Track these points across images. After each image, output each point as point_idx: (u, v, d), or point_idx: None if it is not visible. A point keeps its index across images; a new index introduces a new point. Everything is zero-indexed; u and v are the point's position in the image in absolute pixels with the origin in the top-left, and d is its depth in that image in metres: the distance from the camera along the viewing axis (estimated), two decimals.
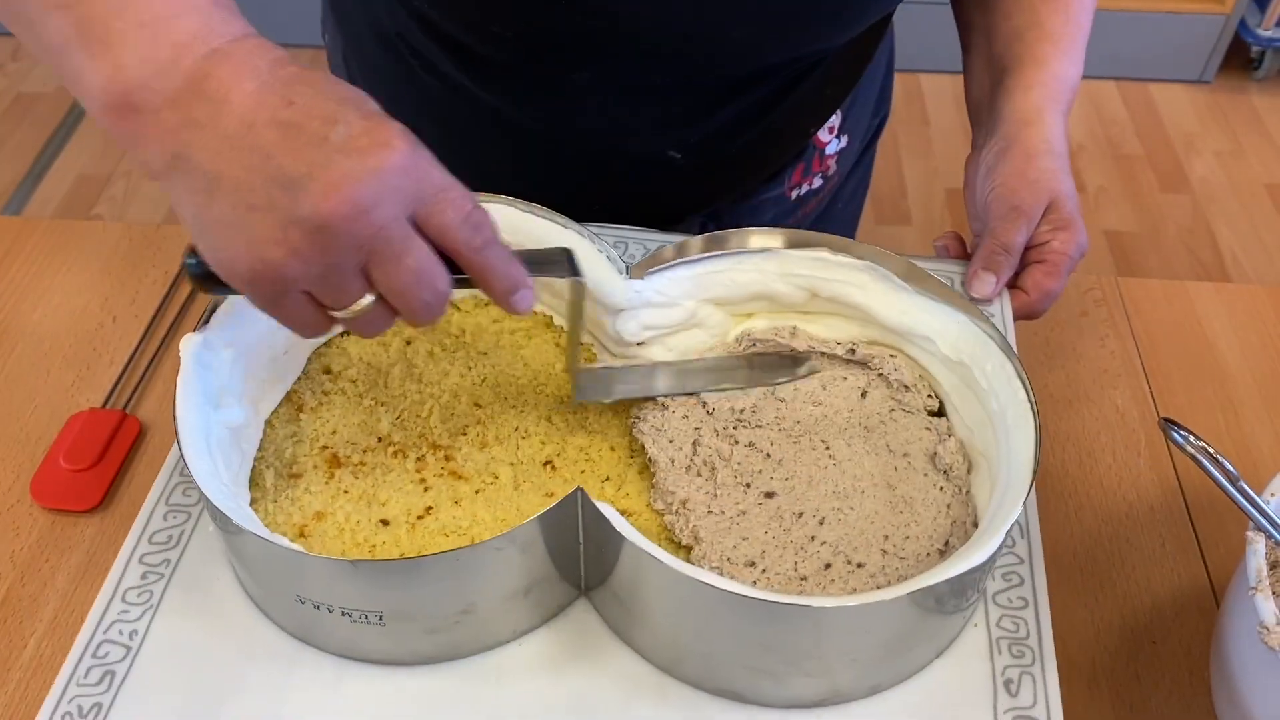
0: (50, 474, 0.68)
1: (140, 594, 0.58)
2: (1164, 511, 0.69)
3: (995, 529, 0.53)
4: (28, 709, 0.58)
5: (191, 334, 0.58)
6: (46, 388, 0.74)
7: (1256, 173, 2.27)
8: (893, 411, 0.65)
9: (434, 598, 0.54)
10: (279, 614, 0.58)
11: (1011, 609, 0.59)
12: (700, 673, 0.56)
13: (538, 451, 0.62)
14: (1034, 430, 0.57)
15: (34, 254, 0.84)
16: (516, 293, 0.52)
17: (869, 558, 0.58)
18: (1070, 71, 0.76)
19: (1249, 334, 0.81)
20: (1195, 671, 0.61)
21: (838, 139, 0.86)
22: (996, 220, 0.71)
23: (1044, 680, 0.56)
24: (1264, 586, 0.51)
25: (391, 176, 0.45)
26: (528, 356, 0.68)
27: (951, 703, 0.56)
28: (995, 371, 0.61)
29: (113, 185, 2.18)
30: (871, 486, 0.61)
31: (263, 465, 0.61)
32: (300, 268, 0.46)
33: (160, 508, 0.62)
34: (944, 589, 0.52)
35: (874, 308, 0.66)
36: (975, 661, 0.57)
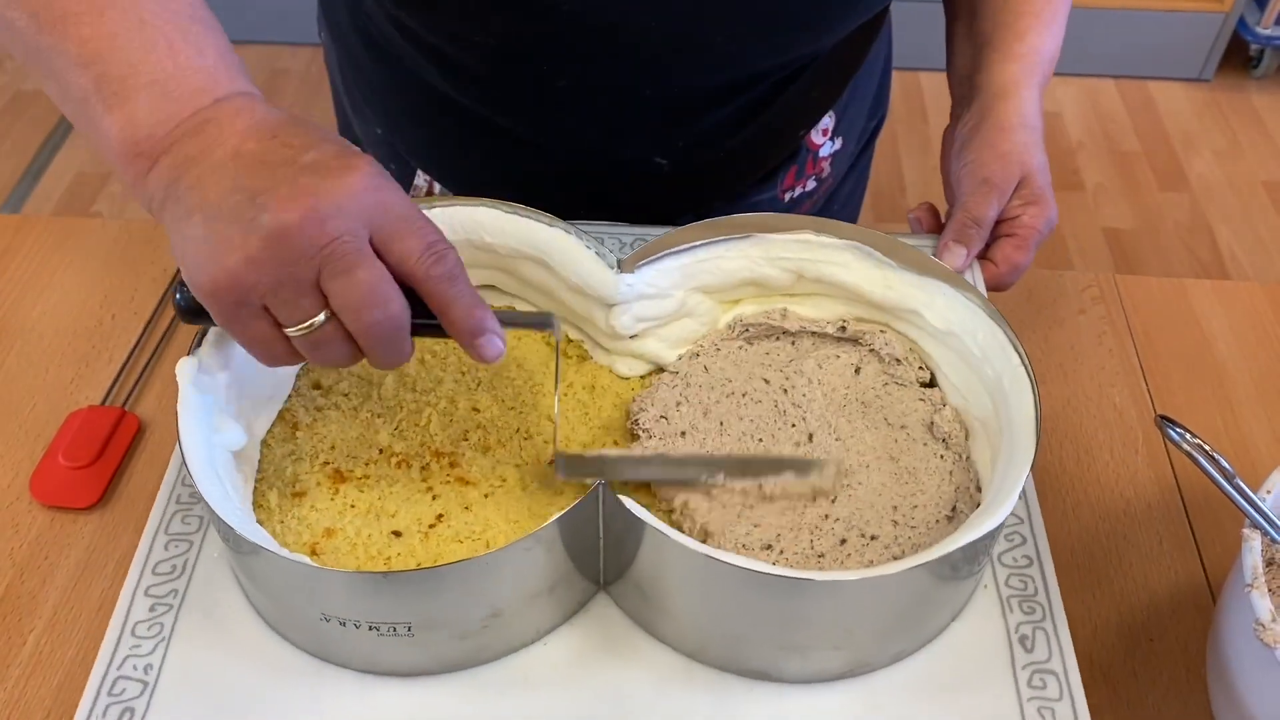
0: (49, 472, 0.68)
1: (150, 626, 0.57)
2: (1161, 509, 0.69)
3: (1008, 491, 0.54)
4: (27, 705, 0.59)
5: (186, 358, 0.58)
6: (46, 385, 0.74)
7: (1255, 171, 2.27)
8: (886, 385, 0.66)
9: (463, 603, 0.54)
10: (298, 634, 0.57)
11: (1017, 568, 0.61)
12: (727, 655, 0.57)
13: (542, 451, 0.62)
14: (1032, 392, 0.58)
15: (33, 251, 0.84)
16: (482, 335, 0.51)
17: (881, 530, 0.59)
18: (1048, 46, 0.77)
19: (1246, 332, 0.81)
20: (1192, 668, 0.62)
21: (831, 141, 0.86)
22: (968, 193, 0.73)
23: (1057, 635, 0.58)
24: (1260, 583, 0.51)
25: (352, 193, 0.47)
26: (520, 358, 0.68)
27: (971, 662, 0.58)
28: (986, 339, 0.62)
29: (111, 183, 2.18)
30: (875, 460, 0.62)
31: (265, 486, 0.60)
32: (255, 275, 0.47)
33: (160, 537, 0.61)
34: (959, 556, 0.53)
35: (860, 285, 0.67)
36: (989, 621, 0.59)
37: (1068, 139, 2.34)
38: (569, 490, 0.61)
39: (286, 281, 0.47)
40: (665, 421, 0.63)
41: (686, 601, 0.55)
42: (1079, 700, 0.56)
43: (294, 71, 2.46)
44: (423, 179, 0.84)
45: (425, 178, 0.84)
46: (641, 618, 0.58)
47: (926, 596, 0.56)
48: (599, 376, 0.67)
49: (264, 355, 0.51)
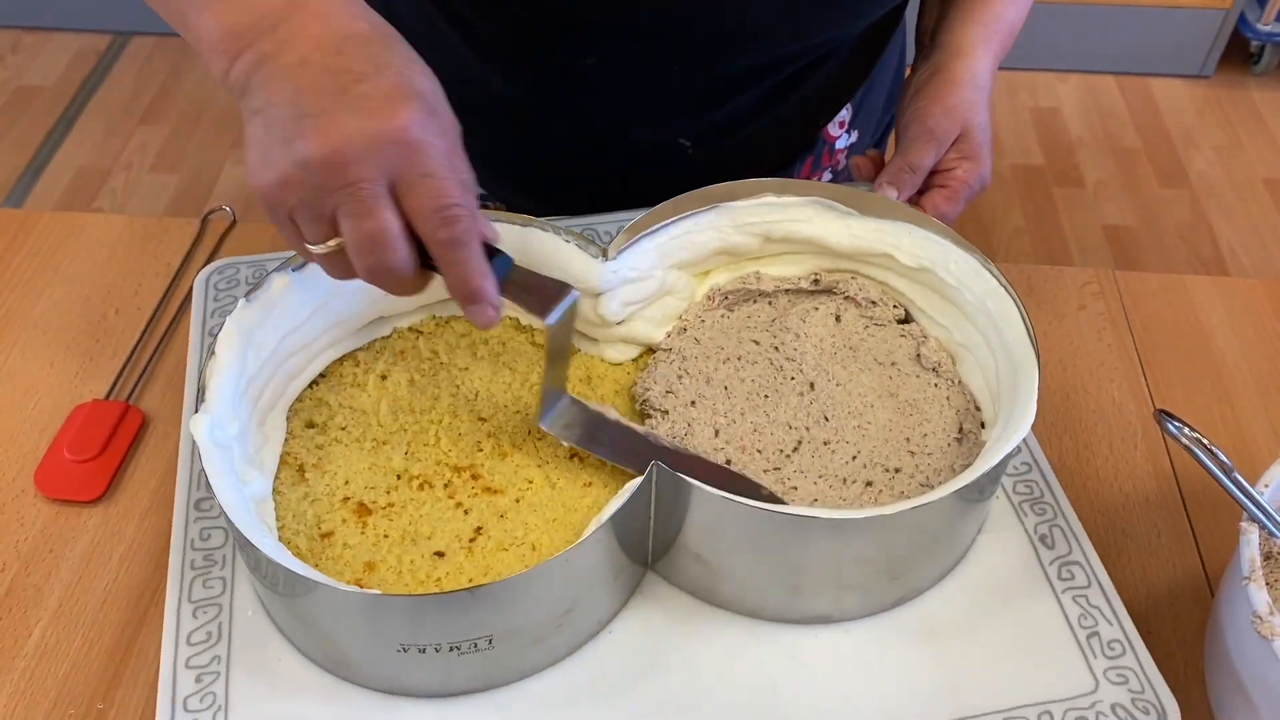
0: (54, 465, 0.69)
1: (203, 698, 0.56)
2: (1160, 502, 0.70)
3: (1023, 406, 0.57)
4: (33, 696, 0.59)
5: (198, 415, 0.56)
6: (50, 379, 0.75)
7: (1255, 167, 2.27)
8: (868, 328, 0.69)
9: (544, 605, 0.54)
10: (362, 672, 0.56)
11: (1019, 475, 0.66)
12: (786, 606, 0.59)
13: (559, 447, 0.63)
14: (1017, 308, 0.61)
15: (37, 246, 0.84)
16: (475, 303, 0.53)
17: (902, 462, 0.62)
18: (1011, 14, 0.78)
19: (1245, 327, 0.82)
20: (1190, 660, 0.62)
21: (848, 134, 0.87)
22: (909, 141, 0.74)
23: (1070, 529, 0.64)
24: (1257, 576, 0.52)
25: (381, 143, 0.48)
26: (510, 361, 0.68)
27: (1004, 569, 0.62)
28: (960, 268, 0.65)
29: (113, 178, 2.18)
30: (877, 399, 0.65)
31: (289, 533, 0.59)
32: (281, 193, 0.50)
33: (185, 606, 0.59)
34: (987, 477, 0.56)
35: (826, 237, 0.69)
36: (1009, 529, 0.64)
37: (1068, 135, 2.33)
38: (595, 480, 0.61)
39: (306, 206, 0.50)
40: (673, 395, 0.65)
41: (744, 559, 0.57)
42: (1106, 584, 0.61)
43: None
44: None
45: None
46: (697, 586, 0.60)
47: (961, 518, 0.59)
48: (592, 367, 0.68)
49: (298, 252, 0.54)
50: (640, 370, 0.68)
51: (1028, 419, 0.57)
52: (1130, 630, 0.59)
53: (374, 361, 0.67)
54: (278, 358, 0.63)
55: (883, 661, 0.59)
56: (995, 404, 0.63)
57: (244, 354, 0.60)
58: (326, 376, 0.67)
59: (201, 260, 0.83)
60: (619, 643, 0.59)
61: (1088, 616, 0.60)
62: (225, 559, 0.61)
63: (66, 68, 2.44)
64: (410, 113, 0.49)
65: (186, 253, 0.83)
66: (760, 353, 0.68)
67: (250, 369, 0.61)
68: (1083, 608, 0.60)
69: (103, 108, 2.35)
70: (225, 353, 0.59)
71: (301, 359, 0.65)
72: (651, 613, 0.60)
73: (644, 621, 0.60)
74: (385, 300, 0.67)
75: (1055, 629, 0.60)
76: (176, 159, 2.22)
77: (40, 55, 2.48)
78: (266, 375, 0.62)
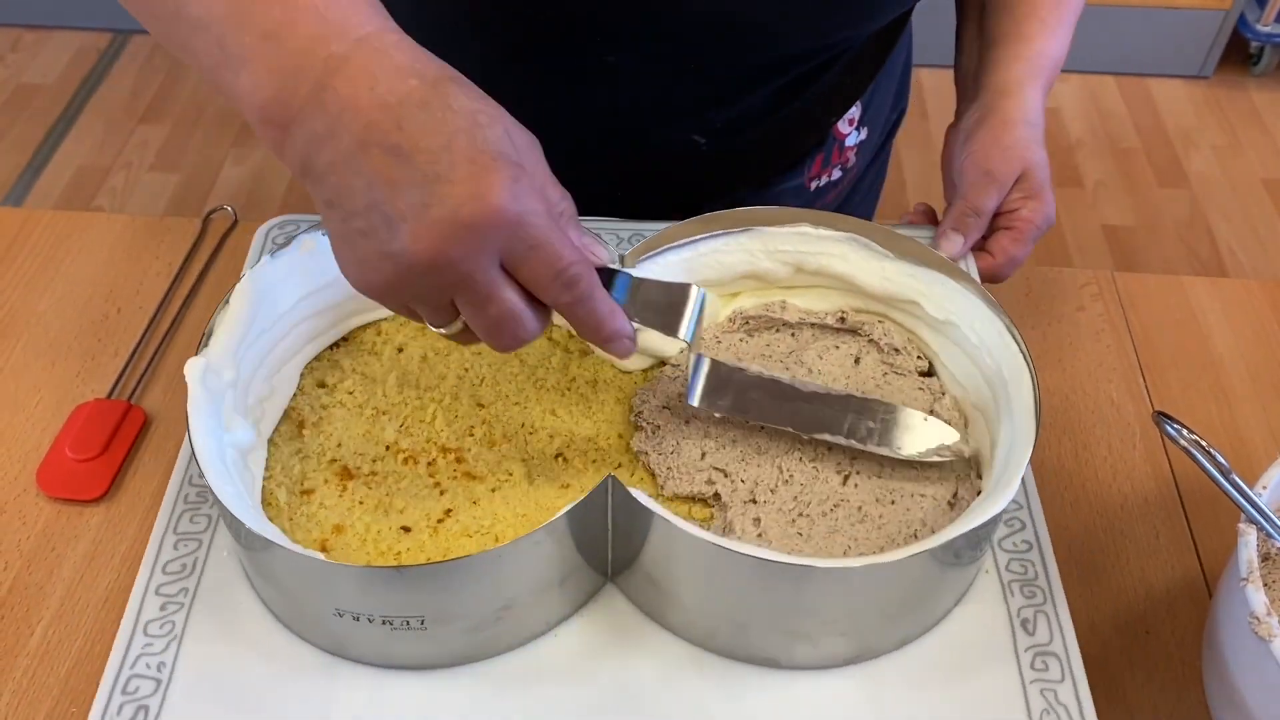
0: (56, 464, 0.69)
1: (162, 625, 0.58)
2: (1158, 504, 0.70)
3: (1009, 479, 0.55)
4: (35, 695, 0.59)
5: (194, 358, 0.58)
6: (52, 378, 0.75)
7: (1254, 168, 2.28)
8: (886, 375, 0.67)
9: (476, 596, 0.54)
10: (310, 630, 0.58)
11: (1017, 553, 0.62)
12: (734, 643, 0.57)
13: (547, 445, 0.63)
14: (1031, 380, 0.59)
15: (39, 245, 0.84)
16: (614, 342, 0.53)
17: (885, 519, 0.60)
18: (1054, 49, 0.78)
19: (1244, 328, 0.82)
20: (1187, 661, 0.62)
21: (858, 131, 0.87)
22: (969, 185, 0.74)
23: (1058, 618, 0.59)
24: (1255, 577, 0.52)
25: (483, 230, 0.46)
26: (522, 353, 0.68)
27: (975, 646, 0.59)
28: (984, 328, 0.63)
29: (113, 177, 2.18)
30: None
31: (273, 485, 0.61)
32: (396, 294, 0.49)
33: (169, 536, 0.61)
34: (962, 542, 0.54)
35: (858, 276, 0.68)
36: (991, 606, 0.60)
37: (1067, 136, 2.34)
38: (574, 483, 0.61)
39: (422, 301, 0.50)
40: (668, 411, 0.64)
41: (694, 590, 0.56)
42: (1080, 682, 0.57)
43: None
44: None
45: None
46: (650, 607, 0.59)
47: (930, 582, 0.57)
48: (601, 371, 0.68)
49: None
50: (648, 381, 0.67)
51: (1008, 492, 0.54)
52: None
53: (395, 333, 0.69)
54: (294, 316, 0.64)
55: (821, 716, 0.56)
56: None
57: (257, 308, 0.61)
58: (348, 340, 0.69)
59: (203, 260, 0.83)
60: (561, 647, 0.58)
61: (1051, 713, 0.56)
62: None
63: (66, 66, 2.44)
64: (500, 184, 0.46)
65: (188, 252, 0.84)
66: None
67: (263, 323, 0.62)
68: (1049, 702, 0.56)
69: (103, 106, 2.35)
70: (237, 303, 0.61)
71: (325, 320, 0.66)
72: (601, 624, 0.59)
73: (591, 631, 0.59)
74: None
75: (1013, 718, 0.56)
76: (177, 158, 2.22)
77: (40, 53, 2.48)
78: (281, 330, 0.64)
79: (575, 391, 0.66)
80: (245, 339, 0.61)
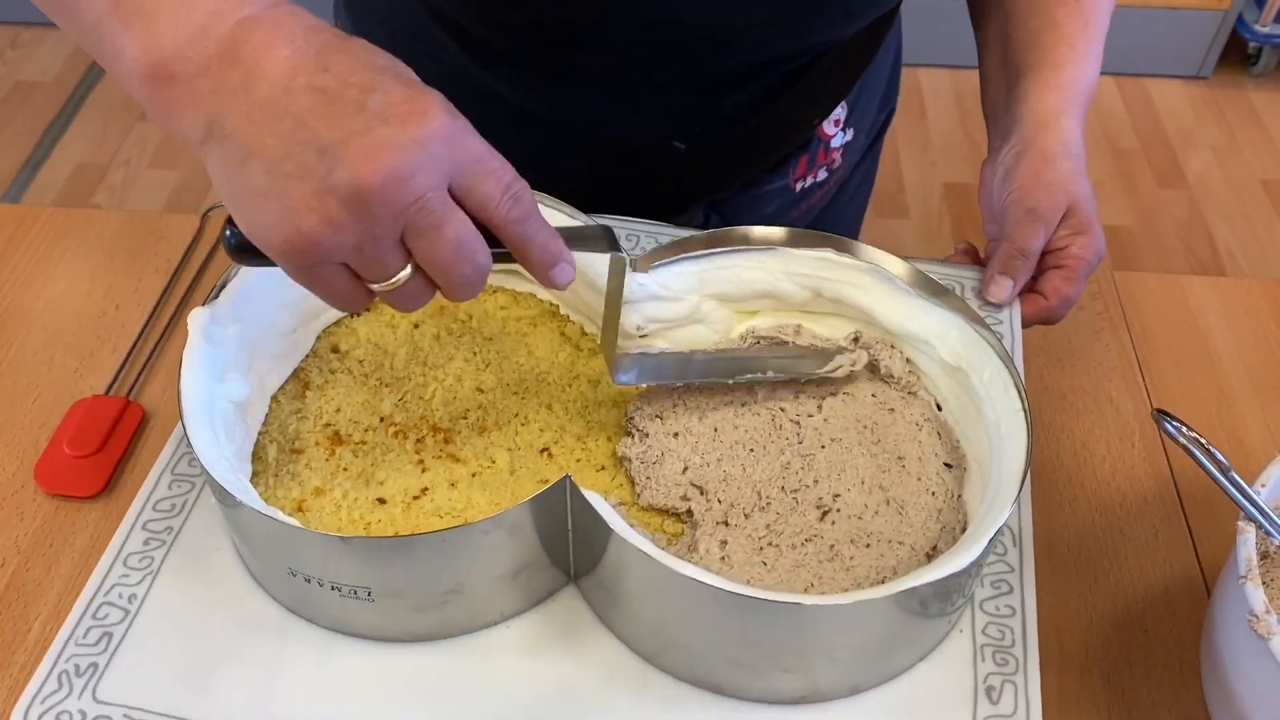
0: (54, 460, 0.69)
1: (141, 559, 0.60)
2: (1157, 502, 0.70)
3: (981, 535, 0.53)
4: None
5: (199, 308, 0.59)
6: (50, 375, 0.75)
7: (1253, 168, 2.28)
8: (893, 411, 0.65)
9: (422, 576, 0.55)
10: (273, 586, 0.59)
11: (998, 616, 0.59)
12: (681, 664, 0.56)
13: (535, 438, 0.63)
14: (1025, 439, 0.57)
15: (37, 242, 0.84)
16: (556, 266, 0.52)
17: (855, 562, 0.58)
18: (1087, 74, 0.76)
19: (1242, 328, 0.82)
20: (1186, 659, 0.62)
21: (843, 132, 0.87)
22: (1013, 225, 0.71)
23: (1026, 689, 0.56)
24: (1254, 575, 0.52)
25: (431, 145, 0.45)
26: (532, 344, 0.68)
27: (931, 705, 0.56)
28: (992, 378, 0.61)
29: (112, 174, 2.18)
30: (861, 487, 0.61)
31: (266, 440, 0.62)
32: (336, 238, 0.45)
33: (166, 476, 0.63)
34: (928, 591, 0.52)
35: (876, 310, 0.66)
36: (958, 667, 0.57)
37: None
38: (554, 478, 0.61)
39: (369, 241, 0.46)
40: (659, 421, 0.63)
41: (644, 605, 0.55)
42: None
43: None
44: None
45: None
46: (605, 614, 0.58)
47: (891, 631, 0.54)
48: (605, 372, 0.67)
49: (343, 305, 0.50)
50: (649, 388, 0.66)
51: (976, 549, 0.52)
52: None
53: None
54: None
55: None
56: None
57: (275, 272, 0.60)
58: (372, 310, 0.69)
59: (201, 257, 0.83)
60: (510, 638, 0.58)
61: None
62: None
63: (65, 64, 2.44)
64: (439, 108, 0.46)
65: (186, 249, 0.84)
66: (767, 406, 0.65)
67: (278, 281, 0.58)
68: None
69: (101, 103, 2.35)
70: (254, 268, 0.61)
71: None
72: (555, 622, 0.59)
73: (544, 627, 0.58)
74: None
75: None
76: (175, 155, 2.22)
77: (38, 51, 2.47)
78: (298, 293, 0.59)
79: (575, 389, 0.66)
80: (255, 296, 0.62)
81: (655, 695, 0.56)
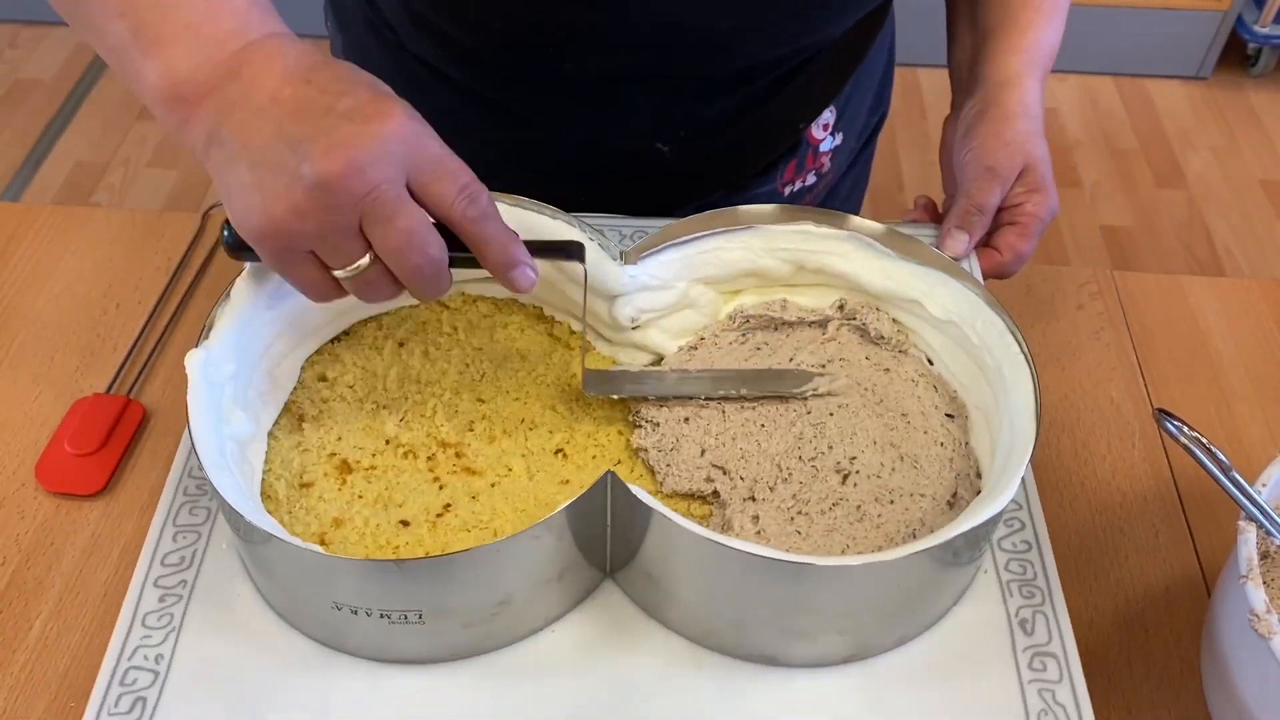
0: (55, 458, 0.69)
1: (160, 617, 0.58)
2: (1157, 502, 0.70)
3: (1008, 478, 0.55)
4: (33, 689, 0.59)
5: (195, 350, 0.58)
6: (51, 374, 0.75)
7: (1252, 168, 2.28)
8: (889, 371, 0.67)
9: (474, 591, 0.54)
10: (308, 624, 0.58)
11: (1017, 553, 0.62)
12: (733, 640, 0.57)
13: (547, 441, 0.63)
14: (1031, 381, 0.59)
15: (38, 240, 0.84)
16: (516, 268, 0.54)
17: (884, 517, 0.60)
18: (1050, 38, 0.78)
19: (1242, 327, 0.82)
20: (1186, 659, 0.62)
21: (832, 136, 0.87)
22: (971, 181, 0.73)
23: (1056, 618, 0.59)
24: (1254, 575, 0.52)
25: (389, 142, 0.49)
26: (523, 349, 0.68)
27: (973, 645, 0.59)
28: (986, 328, 0.63)
29: (110, 173, 2.18)
30: (875, 447, 0.63)
31: (272, 478, 0.61)
32: (301, 224, 0.50)
33: (169, 529, 0.61)
34: (961, 541, 0.54)
35: (859, 275, 0.68)
36: (989, 606, 0.60)
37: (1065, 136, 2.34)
38: (574, 479, 0.61)
39: (331, 229, 0.50)
40: (667, 409, 0.64)
41: (692, 586, 0.56)
42: (1078, 682, 0.57)
43: None
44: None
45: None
46: (648, 604, 0.59)
47: (929, 581, 0.57)
48: (602, 367, 0.68)
49: (314, 294, 0.54)
50: None
51: (1008, 492, 0.54)
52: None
53: (396, 327, 0.69)
54: (296, 310, 0.64)
55: (819, 714, 0.56)
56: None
57: (257, 301, 0.61)
58: (349, 334, 0.68)
59: (202, 256, 0.83)
60: (559, 643, 0.58)
61: (1050, 713, 0.56)
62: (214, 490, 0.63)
63: (64, 62, 2.44)
64: (401, 110, 0.50)
65: (186, 248, 0.83)
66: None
67: (264, 316, 0.62)
68: (1046, 703, 0.56)
69: (100, 102, 2.35)
70: (238, 297, 0.61)
71: (325, 315, 0.66)
72: (600, 620, 0.59)
73: (590, 627, 0.59)
74: None
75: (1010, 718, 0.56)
76: (174, 154, 2.22)
77: (38, 49, 2.47)
78: (281, 325, 0.63)
79: (575, 388, 0.66)
80: (246, 332, 0.61)
81: (710, 675, 0.57)
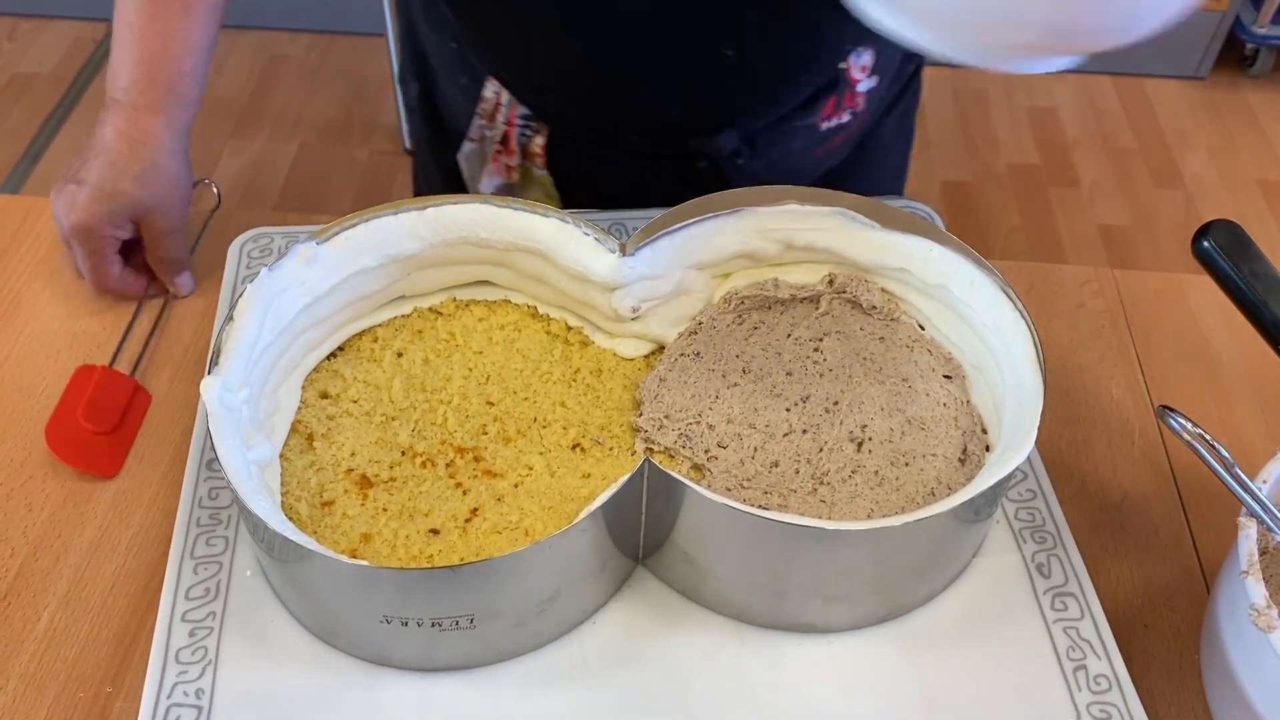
0: (68, 426, 0.69)
1: (194, 651, 0.58)
2: (1157, 499, 0.71)
3: (1024, 434, 0.57)
4: (42, 681, 0.59)
5: (209, 378, 0.58)
6: (56, 367, 0.75)
7: (1249, 169, 2.29)
8: (883, 340, 0.68)
9: (525, 589, 0.55)
10: (350, 640, 0.58)
11: (1023, 501, 0.66)
12: (773, 612, 0.59)
13: (562, 437, 0.63)
14: (1030, 335, 0.61)
15: (44, 233, 0.84)
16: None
17: (901, 479, 0.61)
18: None
19: (1242, 327, 0.82)
20: (1185, 655, 0.63)
21: (870, 78, 0.88)
22: None
23: (1069, 559, 0.63)
24: (1255, 570, 0.53)
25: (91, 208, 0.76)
26: (523, 348, 0.68)
27: (997, 594, 0.62)
28: (978, 289, 0.65)
29: None
30: (883, 414, 0.64)
31: (291, 499, 0.60)
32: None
33: (188, 563, 0.61)
34: (982, 499, 0.56)
35: (847, 249, 0.69)
36: (1007, 554, 0.64)
37: (1063, 135, 2.34)
38: (595, 472, 0.62)
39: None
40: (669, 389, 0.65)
41: (732, 562, 0.58)
42: (1099, 616, 0.60)
43: (293, 57, 2.45)
44: (490, 90, 0.85)
45: (494, 88, 0.85)
46: (686, 586, 0.60)
47: (954, 537, 0.59)
48: (604, 360, 0.68)
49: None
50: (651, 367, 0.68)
51: (1027, 445, 0.56)
52: (1120, 669, 0.59)
53: (392, 338, 0.69)
54: (296, 328, 0.64)
55: (863, 676, 0.58)
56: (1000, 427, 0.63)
57: (261, 321, 0.61)
58: (345, 350, 0.68)
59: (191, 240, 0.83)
60: (602, 633, 0.59)
61: (1077, 649, 0.59)
62: (230, 519, 0.63)
63: (63, 55, 2.43)
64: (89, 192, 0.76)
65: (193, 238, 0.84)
66: (769, 358, 0.67)
67: (267, 337, 0.62)
68: (1072, 639, 0.59)
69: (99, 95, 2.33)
70: (243, 319, 0.61)
71: (322, 331, 0.67)
72: (638, 607, 0.60)
73: (630, 615, 0.60)
74: (406, 280, 0.69)
75: (1042, 658, 0.59)
76: None
77: (37, 42, 2.47)
78: (283, 344, 0.64)
79: (581, 382, 0.67)
80: (253, 354, 0.61)
81: (755, 648, 0.59)
